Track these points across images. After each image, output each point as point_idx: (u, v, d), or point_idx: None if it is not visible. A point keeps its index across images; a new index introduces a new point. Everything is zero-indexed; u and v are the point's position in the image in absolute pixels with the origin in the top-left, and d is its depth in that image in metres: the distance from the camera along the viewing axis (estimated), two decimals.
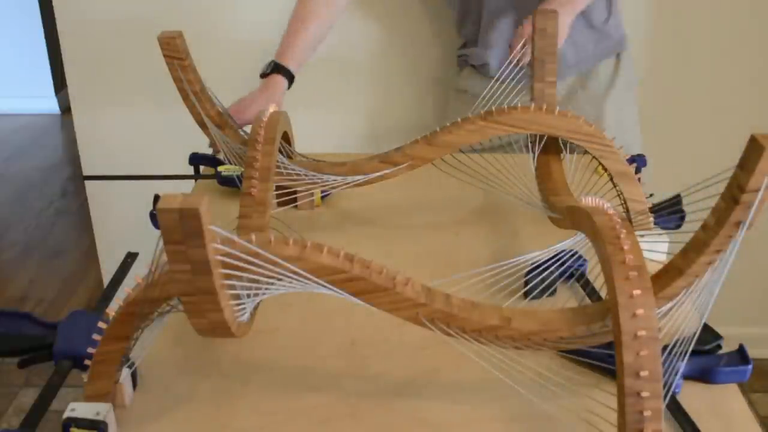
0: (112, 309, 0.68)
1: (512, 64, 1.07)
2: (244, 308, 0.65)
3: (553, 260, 0.84)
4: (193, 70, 1.05)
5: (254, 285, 0.63)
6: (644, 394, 0.59)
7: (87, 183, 1.89)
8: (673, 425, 0.70)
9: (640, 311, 0.60)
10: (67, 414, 0.68)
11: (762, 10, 1.67)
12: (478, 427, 0.72)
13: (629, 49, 1.47)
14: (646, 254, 0.65)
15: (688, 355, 0.66)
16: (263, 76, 1.26)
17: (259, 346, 0.83)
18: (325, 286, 0.64)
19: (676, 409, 0.72)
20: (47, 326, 0.79)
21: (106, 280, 1.58)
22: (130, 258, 0.96)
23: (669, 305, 0.67)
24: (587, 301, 0.89)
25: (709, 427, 0.70)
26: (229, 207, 0.92)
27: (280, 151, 0.99)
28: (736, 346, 0.77)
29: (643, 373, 0.59)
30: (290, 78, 1.26)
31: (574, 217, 0.80)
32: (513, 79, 1.05)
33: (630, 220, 0.95)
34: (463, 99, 1.52)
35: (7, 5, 3.71)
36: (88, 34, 1.72)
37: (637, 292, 0.61)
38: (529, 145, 1.02)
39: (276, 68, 1.25)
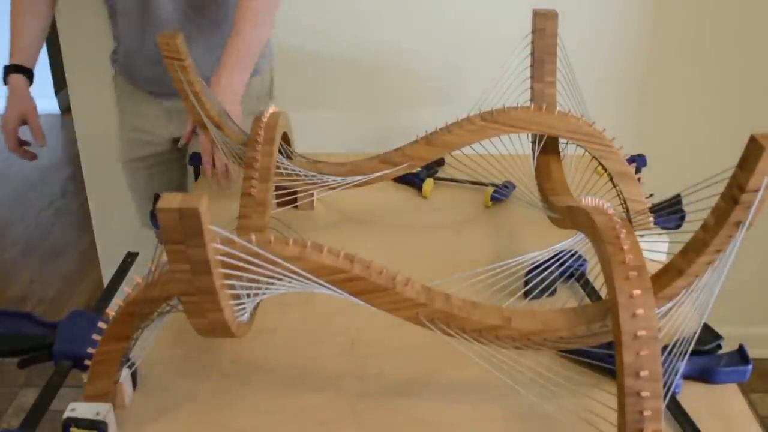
0: (112, 309, 0.68)
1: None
2: (244, 308, 0.65)
3: (553, 260, 0.83)
4: (192, 71, 1.05)
5: (254, 285, 0.63)
6: (644, 394, 0.59)
7: (87, 183, 1.88)
8: (673, 425, 0.70)
9: (640, 311, 0.60)
10: (67, 414, 0.68)
11: (762, 10, 1.67)
12: (478, 427, 0.72)
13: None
14: (646, 254, 0.65)
15: (688, 355, 0.66)
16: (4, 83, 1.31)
17: (259, 346, 0.83)
18: (325, 286, 0.64)
19: (676, 409, 0.72)
20: (47, 326, 0.79)
21: (106, 280, 1.58)
22: (130, 258, 0.96)
23: (669, 305, 0.67)
24: (587, 301, 0.89)
25: (709, 427, 0.70)
26: (229, 207, 0.92)
27: (280, 152, 0.99)
28: (736, 346, 0.78)
29: (643, 373, 0.59)
30: (28, 74, 1.32)
31: (574, 217, 0.80)
32: None
33: (630, 220, 0.95)
34: (118, 105, 1.47)
35: (7, 5, 3.71)
36: (88, 34, 1.72)
37: (637, 292, 0.61)
38: (530, 144, 1.02)
39: (12, 70, 1.31)
